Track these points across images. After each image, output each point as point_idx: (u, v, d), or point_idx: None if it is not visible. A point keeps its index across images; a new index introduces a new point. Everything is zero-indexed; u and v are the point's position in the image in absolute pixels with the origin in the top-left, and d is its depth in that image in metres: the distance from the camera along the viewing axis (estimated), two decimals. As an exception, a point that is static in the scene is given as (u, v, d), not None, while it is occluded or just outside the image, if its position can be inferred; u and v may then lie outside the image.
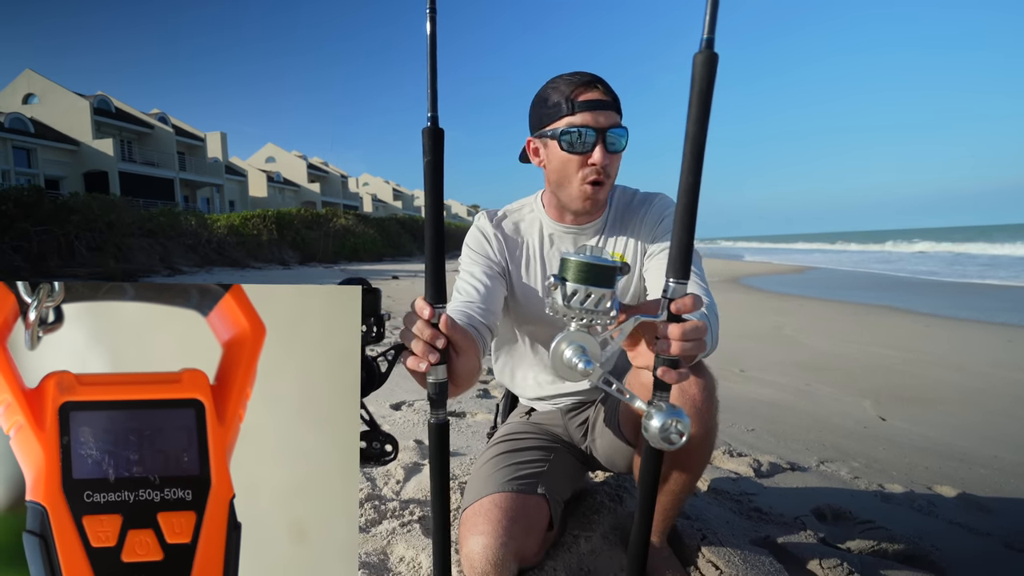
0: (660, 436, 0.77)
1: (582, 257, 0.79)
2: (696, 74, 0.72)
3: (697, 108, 0.73)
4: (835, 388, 3.86)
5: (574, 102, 1.21)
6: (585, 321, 0.80)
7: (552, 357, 0.81)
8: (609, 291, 0.79)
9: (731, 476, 2.12)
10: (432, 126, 0.82)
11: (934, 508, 1.94)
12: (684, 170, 0.75)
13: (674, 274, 0.78)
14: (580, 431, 1.50)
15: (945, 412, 3.32)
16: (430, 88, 0.81)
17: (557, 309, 0.81)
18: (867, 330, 6.34)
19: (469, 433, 2.51)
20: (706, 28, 0.71)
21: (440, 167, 0.84)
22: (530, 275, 1.39)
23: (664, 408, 0.78)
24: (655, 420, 0.77)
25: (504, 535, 1.17)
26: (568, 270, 0.80)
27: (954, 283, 12.56)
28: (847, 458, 2.46)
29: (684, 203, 0.76)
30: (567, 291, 0.79)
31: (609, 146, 1.21)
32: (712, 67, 0.71)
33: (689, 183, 0.75)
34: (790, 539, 1.58)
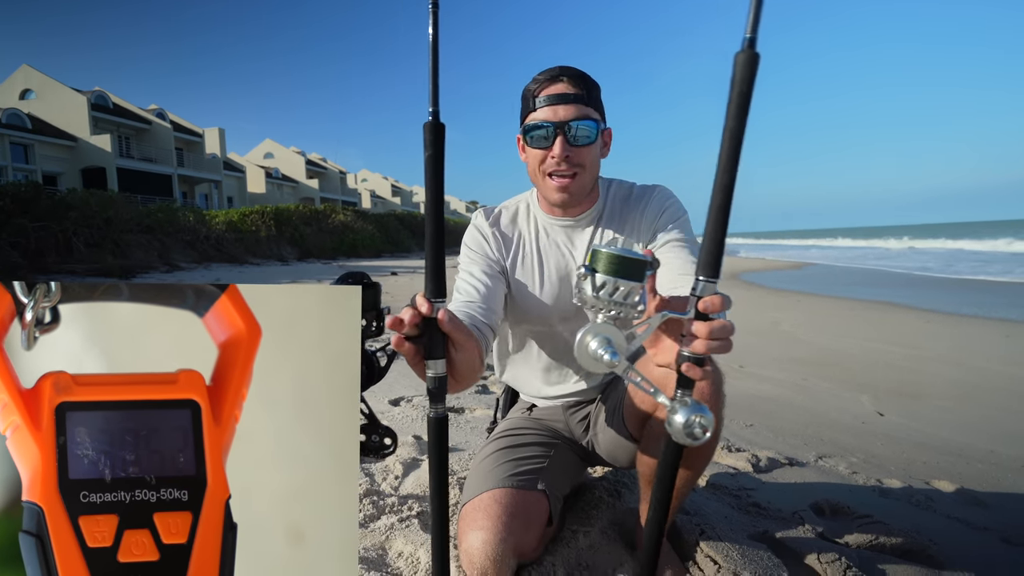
0: (684, 431, 0.76)
1: (613, 249, 0.78)
2: (737, 73, 0.70)
3: (736, 107, 0.71)
4: (833, 384, 3.87)
5: (536, 98, 1.23)
6: (612, 314, 0.79)
7: (577, 348, 0.79)
8: (638, 285, 0.78)
9: (730, 471, 2.13)
10: (433, 120, 0.82)
11: (932, 503, 1.95)
12: (720, 169, 0.74)
13: (705, 272, 0.77)
14: (581, 426, 1.51)
15: (943, 407, 3.33)
16: (431, 83, 0.81)
17: (586, 300, 0.79)
18: (865, 326, 6.35)
19: (468, 429, 2.52)
20: (748, 27, 0.69)
21: (441, 161, 0.84)
22: (526, 271, 1.39)
23: (689, 403, 0.77)
24: (679, 415, 0.76)
25: (503, 530, 1.17)
26: (599, 261, 0.78)
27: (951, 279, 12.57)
28: (845, 453, 2.47)
29: (719, 201, 0.75)
30: (596, 282, 0.78)
31: (572, 139, 1.22)
32: (753, 67, 0.70)
33: (725, 182, 0.74)
34: (788, 534, 1.58)
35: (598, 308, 0.79)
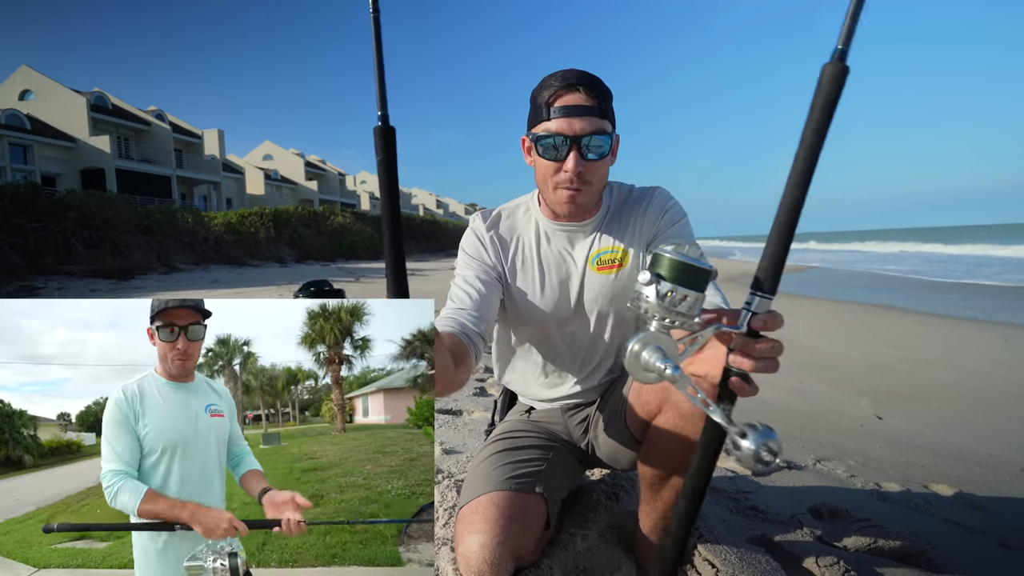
0: (754, 458, 0.72)
1: (679, 256, 0.74)
2: (822, 84, 0.68)
3: (818, 119, 0.69)
4: (832, 387, 3.87)
5: (551, 107, 1.19)
6: (668, 322, 0.75)
7: (628, 356, 0.76)
8: (700, 295, 0.75)
9: (728, 475, 2.12)
10: (383, 124, 0.82)
11: (930, 506, 1.95)
12: (791, 183, 0.70)
13: (762, 288, 0.74)
14: (580, 428, 1.50)
15: (942, 410, 3.33)
16: (378, 86, 0.81)
17: (648, 306, 0.75)
18: (864, 329, 6.35)
19: (466, 431, 2.51)
20: (841, 39, 0.66)
21: (394, 165, 0.84)
22: (526, 276, 1.39)
23: (759, 429, 0.72)
24: (748, 442, 0.72)
25: (501, 534, 1.16)
26: (662, 266, 0.75)
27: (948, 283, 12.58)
28: (844, 456, 2.47)
29: (783, 218, 0.71)
30: (662, 290, 0.74)
31: (585, 153, 1.20)
32: (840, 80, 0.67)
33: (796, 196, 0.71)
34: (787, 537, 1.58)
35: (656, 316, 0.75)
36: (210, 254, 18.17)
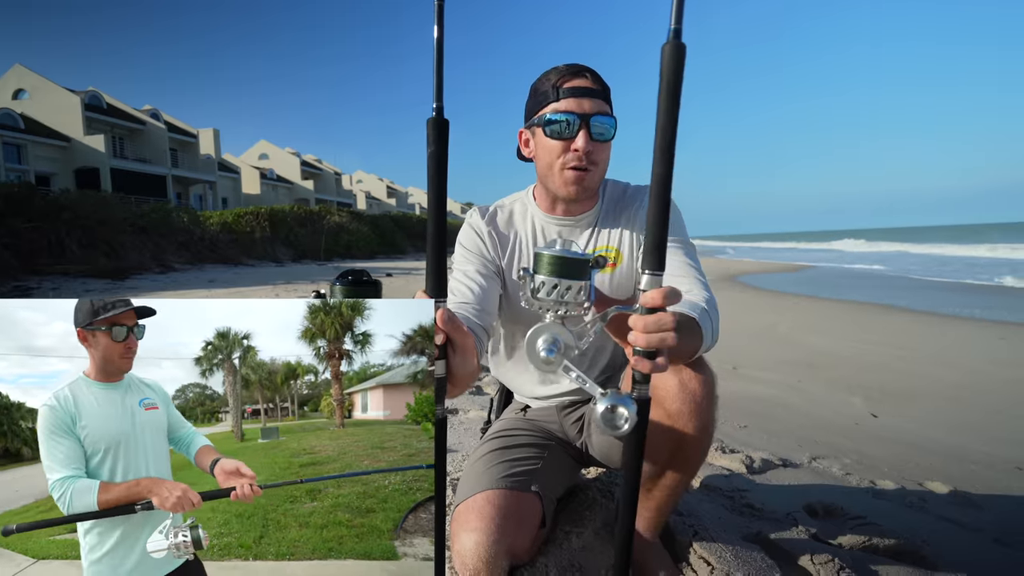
0: (603, 420, 0.78)
1: (552, 251, 0.81)
2: (664, 65, 0.72)
3: (666, 99, 0.73)
4: (828, 385, 3.88)
5: (560, 88, 1.21)
6: (559, 312, 0.82)
7: (526, 346, 0.83)
8: (581, 283, 0.80)
9: (724, 472, 2.12)
10: (437, 116, 0.81)
11: (925, 504, 1.95)
12: (655, 161, 0.75)
13: (648, 266, 0.78)
14: (575, 427, 1.50)
15: (937, 409, 3.34)
16: (436, 78, 0.80)
17: (529, 301, 0.83)
18: (860, 328, 6.37)
19: (461, 430, 2.51)
20: (673, 18, 0.70)
21: (444, 158, 0.83)
22: None
23: (610, 394, 0.79)
24: (599, 405, 0.78)
25: (496, 532, 1.16)
26: (539, 263, 0.82)
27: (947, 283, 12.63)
28: (839, 454, 2.48)
29: (656, 194, 0.76)
30: (535, 284, 0.81)
31: (594, 133, 1.21)
32: (680, 57, 0.71)
33: (660, 174, 0.75)
34: (782, 535, 1.58)
35: (544, 308, 0.82)
36: (206, 254, 18.11)
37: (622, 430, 0.78)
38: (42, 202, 13.90)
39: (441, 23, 0.80)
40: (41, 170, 28.55)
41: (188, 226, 18.28)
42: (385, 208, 56.84)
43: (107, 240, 14.53)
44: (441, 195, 0.83)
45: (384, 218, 31.30)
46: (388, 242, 28.36)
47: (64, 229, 13.57)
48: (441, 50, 0.80)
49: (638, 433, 0.83)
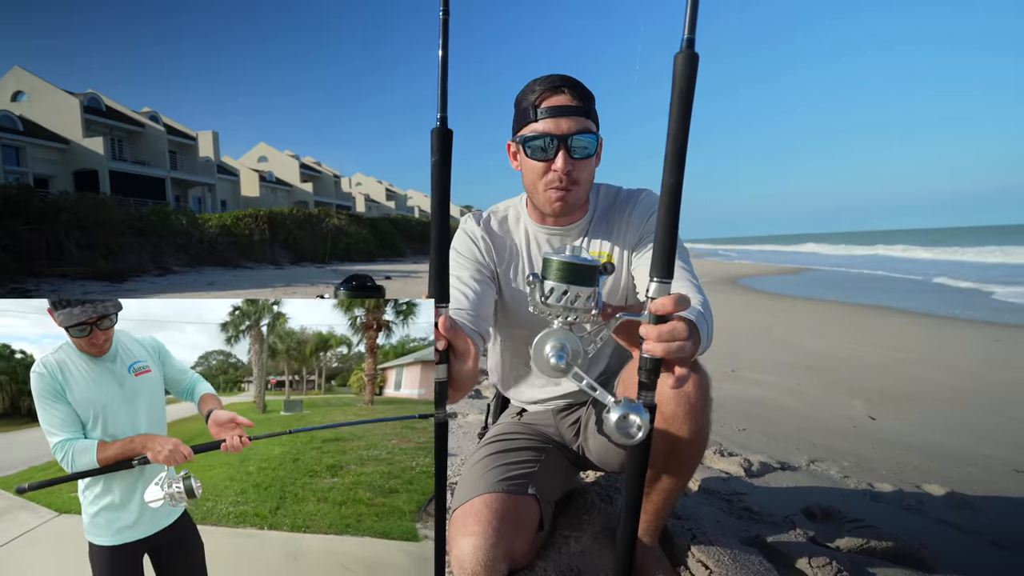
0: (617, 428, 0.78)
1: (562, 256, 0.80)
2: (677, 74, 0.72)
3: (678, 108, 0.73)
4: (826, 388, 3.89)
5: (538, 108, 1.20)
6: (567, 318, 0.81)
7: (533, 352, 0.82)
8: (590, 289, 0.80)
9: (722, 476, 2.13)
10: (441, 127, 0.82)
11: (922, 506, 1.95)
12: (666, 170, 0.75)
13: (657, 274, 0.78)
14: (572, 431, 1.50)
15: (934, 411, 3.35)
16: (440, 88, 0.81)
17: (538, 307, 0.82)
18: (858, 330, 6.38)
19: (460, 433, 2.51)
20: (686, 28, 0.71)
21: (448, 167, 0.85)
22: (517, 278, 1.39)
23: (623, 402, 0.79)
24: (613, 413, 0.78)
25: (494, 536, 1.16)
26: (549, 269, 0.81)
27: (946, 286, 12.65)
28: (837, 457, 2.48)
29: (666, 203, 0.77)
30: (545, 289, 0.81)
31: (573, 152, 1.20)
32: (693, 67, 0.72)
33: (671, 183, 0.75)
34: (780, 538, 1.59)
35: (552, 314, 0.82)
36: (204, 256, 18.09)
37: (636, 438, 0.78)
38: (41, 204, 13.89)
39: (446, 38, 0.81)
40: (40, 172, 28.52)
41: (187, 228, 18.27)
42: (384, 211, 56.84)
43: (106, 242, 14.51)
44: (444, 203, 0.84)
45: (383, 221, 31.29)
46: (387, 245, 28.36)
47: (63, 231, 13.55)
48: (446, 64, 0.81)
49: (643, 440, 0.83)
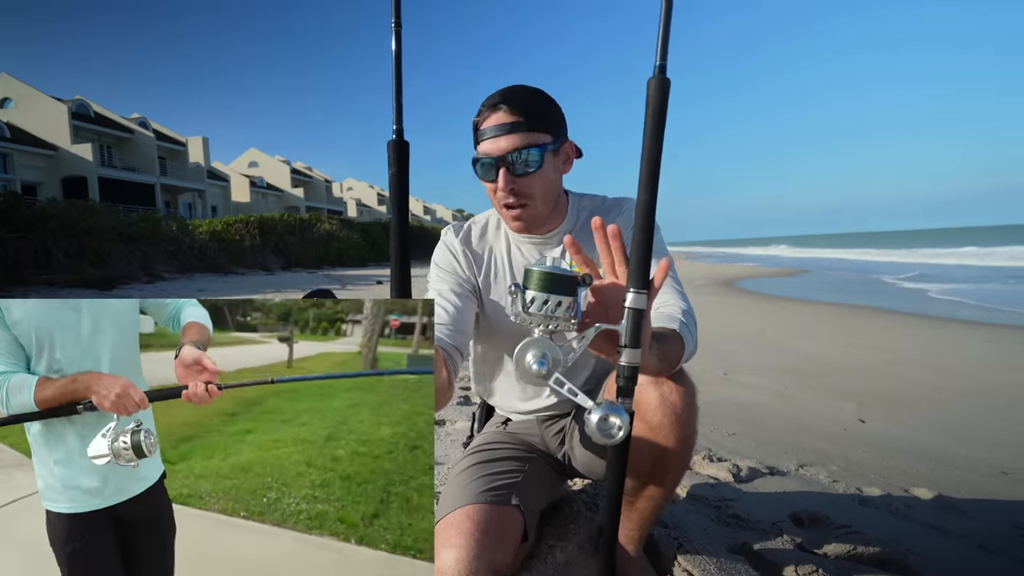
0: (598, 429, 0.80)
1: (542, 267, 0.83)
2: (650, 98, 0.76)
3: (652, 129, 0.77)
4: (817, 391, 3.89)
5: (479, 130, 1.22)
6: (547, 327, 0.84)
7: (515, 359, 0.84)
8: (569, 299, 0.83)
9: (710, 482, 2.12)
10: (397, 139, 0.83)
11: (910, 511, 1.95)
12: (641, 187, 0.79)
13: (634, 284, 0.81)
14: (556, 439, 1.49)
15: (924, 413, 3.36)
16: (395, 100, 0.83)
17: (520, 316, 0.84)
18: (849, 332, 6.41)
19: (448, 441, 2.49)
20: (658, 55, 0.75)
21: (406, 179, 0.86)
22: (497, 289, 1.38)
23: (603, 403, 0.81)
24: (594, 415, 0.81)
25: (476, 547, 1.15)
26: (530, 279, 0.84)
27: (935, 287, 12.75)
28: (826, 461, 2.48)
29: (641, 220, 0.80)
30: (526, 299, 0.83)
31: (514, 170, 1.20)
32: (665, 91, 0.76)
33: (645, 200, 0.79)
34: (767, 545, 1.58)
35: (533, 323, 0.84)
36: (195, 263, 17.99)
37: (616, 438, 0.80)
38: (28, 212, 13.76)
39: (399, 50, 0.82)
40: (28, 179, 28.31)
41: (177, 235, 18.16)
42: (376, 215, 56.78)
43: (94, 250, 14.40)
44: (403, 214, 0.85)
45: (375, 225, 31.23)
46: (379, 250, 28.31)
47: (51, 239, 13.44)
48: (399, 75, 0.82)
49: (622, 446, 0.84)
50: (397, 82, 0.83)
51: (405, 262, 0.87)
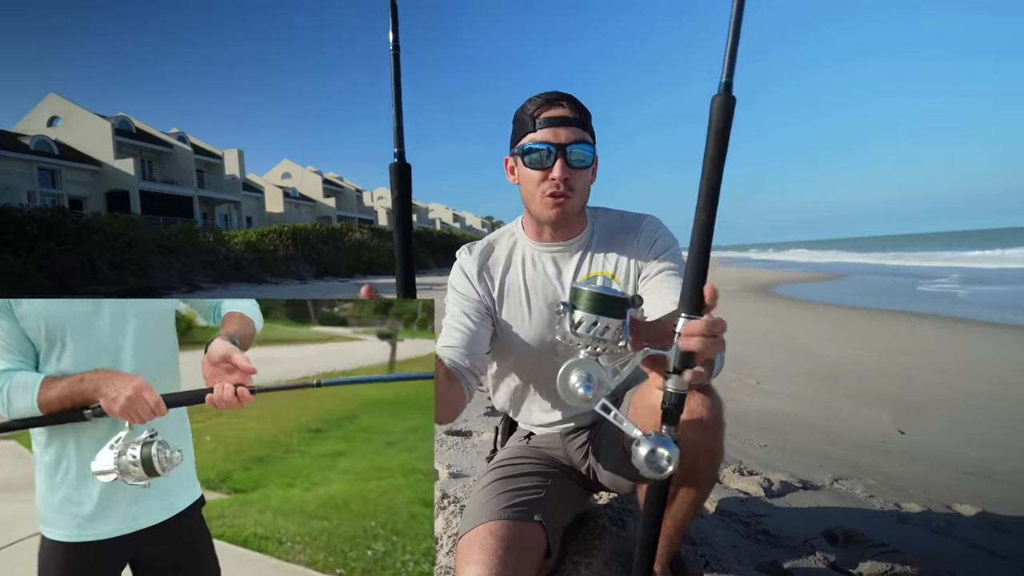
0: (647, 463, 0.78)
1: (592, 287, 0.81)
2: (713, 115, 0.73)
3: (714, 148, 0.73)
4: (853, 400, 3.78)
5: (536, 119, 1.24)
6: (594, 349, 0.81)
7: (559, 382, 0.82)
8: (618, 322, 0.80)
9: (740, 496, 2.07)
10: (399, 162, 0.83)
11: (952, 528, 1.88)
12: (699, 207, 0.75)
13: (687, 309, 0.78)
14: (580, 453, 1.48)
15: (968, 424, 3.23)
16: (395, 123, 0.82)
17: (566, 336, 0.82)
18: (889, 338, 6.21)
19: (474, 453, 2.49)
20: (724, 71, 0.71)
21: (408, 202, 0.86)
22: (512, 303, 1.38)
23: (652, 436, 0.79)
24: (643, 447, 0.78)
25: (499, 565, 1.15)
26: (579, 299, 0.81)
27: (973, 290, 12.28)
28: (863, 475, 2.40)
29: (698, 241, 0.76)
30: (575, 319, 0.81)
31: (571, 162, 1.23)
32: (729, 110, 0.72)
33: (703, 220, 0.75)
34: (798, 563, 1.54)
35: (580, 345, 0.81)
36: (231, 272, 18.46)
37: (666, 472, 0.78)
38: (74, 225, 14.36)
39: (398, 74, 0.81)
40: (74, 194, 29.53)
41: (213, 246, 18.68)
42: (406, 223, 57.11)
43: (136, 261, 14.92)
44: (407, 237, 0.85)
45: (405, 234, 31.50)
46: (409, 257, 28.57)
47: (95, 251, 13.99)
48: (399, 99, 0.81)
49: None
50: (397, 105, 0.82)
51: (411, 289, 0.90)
